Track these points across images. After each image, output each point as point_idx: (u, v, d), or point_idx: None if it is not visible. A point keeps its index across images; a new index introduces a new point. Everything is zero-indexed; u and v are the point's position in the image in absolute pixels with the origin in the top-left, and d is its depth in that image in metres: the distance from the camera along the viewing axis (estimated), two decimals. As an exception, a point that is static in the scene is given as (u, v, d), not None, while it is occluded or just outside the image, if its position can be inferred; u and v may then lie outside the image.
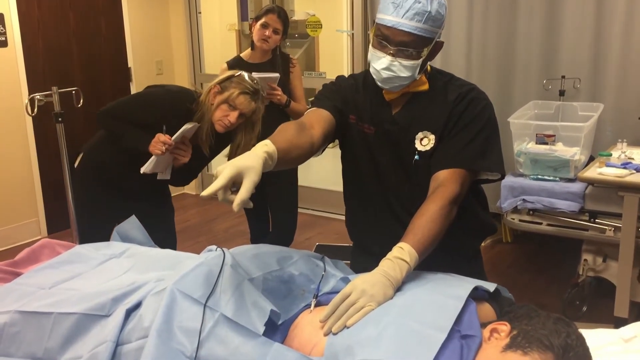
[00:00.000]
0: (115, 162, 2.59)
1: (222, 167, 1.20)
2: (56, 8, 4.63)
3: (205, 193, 1.18)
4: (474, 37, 4.04)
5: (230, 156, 2.58)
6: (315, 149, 1.56)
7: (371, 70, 1.62)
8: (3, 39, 4.29)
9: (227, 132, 2.49)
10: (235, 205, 1.18)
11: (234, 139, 2.54)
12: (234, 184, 1.21)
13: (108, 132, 2.59)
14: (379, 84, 1.63)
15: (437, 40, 1.60)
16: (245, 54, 3.31)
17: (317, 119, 1.62)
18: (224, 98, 2.41)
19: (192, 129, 2.46)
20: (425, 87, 1.67)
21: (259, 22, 3.16)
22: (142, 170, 2.46)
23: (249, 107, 2.42)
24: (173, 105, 2.47)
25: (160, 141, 2.39)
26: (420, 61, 1.57)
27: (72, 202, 3.04)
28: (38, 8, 4.51)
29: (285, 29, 3.20)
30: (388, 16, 1.53)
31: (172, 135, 2.41)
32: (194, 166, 2.61)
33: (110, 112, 2.52)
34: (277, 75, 3.13)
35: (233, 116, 2.41)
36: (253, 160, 1.23)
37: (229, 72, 2.50)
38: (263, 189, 3.45)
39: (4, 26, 4.29)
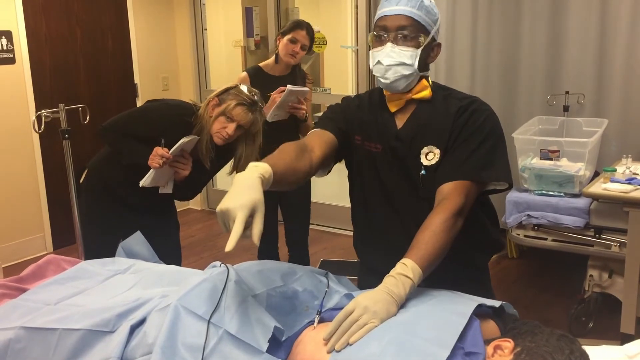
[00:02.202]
0: (120, 177, 2.60)
1: (233, 211, 1.20)
2: (63, 25, 4.68)
3: (229, 247, 1.18)
4: (478, 52, 4.06)
5: (233, 169, 2.59)
6: (313, 172, 1.60)
7: (374, 70, 1.65)
8: (11, 56, 4.34)
9: (229, 145, 2.51)
10: (257, 240, 1.21)
11: (235, 152, 2.55)
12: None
13: (109, 146, 2.61)
14: (381, 81, 1.64)
15: (435, 39, 1.65)
16: (265, 64, 3.31)
17: (319, 142, 1.65)
18: (221, 110, 2.42)
19: (191, 142, 2.47)
20: (427, 93, 1.68)
21: (287, 37, 3.17)
22: (141, 183, 2.46)
23: (246, 119, 2.43)
24: (172, 118, 2.49)
25: (158, 154, 2.40)
26: (419, 51, 1.60)
27: (77, 217, 3.05)
28: (45, 25, 4.56)
29: (311, 44, 3.24)
30: (384, 9, 1.62)
31: (170, 149, 2.42)
32: (196, 180, 2.62)
33: (111, 127, 2.55)
34: (307, 89, 3.17)
35: (230, 128, 2.42)
36: (257, 191, 1.24)
37: (228, 85, 2.52)
38: (275, 208, 3.49)
39: (12, 43, 4.33)
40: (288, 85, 3.01)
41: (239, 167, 2.55)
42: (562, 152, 3.33)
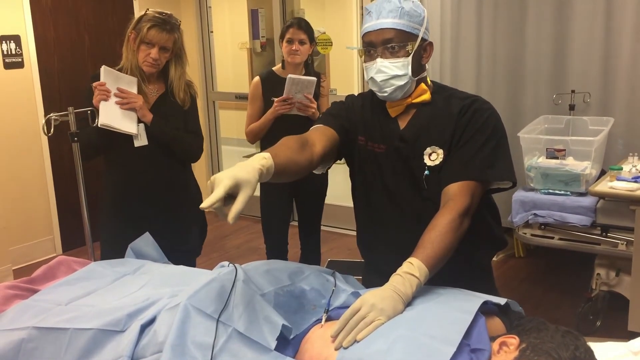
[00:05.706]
0: (121, 176, 2.59)
1: (220, 178, 1.23)
2: (71, 29, 4.72)
3: (204, 205, 1.22)
4: (483, 52, 4.07)
5: (169, 90, 2.59)
6: (313, 166, 1.61)
7: (369, 84, 1.67)
8: (19, 60, 4.38)
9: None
10: (231, 218, 1.21)
11: (169, 77, 2.57)
12: (230, 195, 1.24)
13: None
14: (379, 95, 1.67)
15: (425, 39, 1.65)
16: (277, 68, 3.32)
17: (320, 137, 1.66)
18: (139, 39, 2.45)
19: (125, 80, 2.48)
20: (427, 97, 1.69)
21: (284, 40, 3.19)
22: (100, 123, 2.42)
23: (163, 38, 2.44)
24: (97, 76, 2.51)
25: (95, 88, 2.44)
26: (409, 59, 1.61)
27: (87, 220, 3.06)
28: (54, 30, 4.60)
29: (311, 36, 3.23)
30: (368, 24, 1.63)
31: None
32: (180, 124, 2.59)
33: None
34: (314, 79, 3.09)
35: (154, 52, 2.44)
36: (250, 173, 1.27)
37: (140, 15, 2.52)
38: (289, 207, 3.51)
39: (20, 47, 4.37)
40: (289, 75, 3.00)
41: (174, 88, 2.58)
42: (568, 151, 3.34)
